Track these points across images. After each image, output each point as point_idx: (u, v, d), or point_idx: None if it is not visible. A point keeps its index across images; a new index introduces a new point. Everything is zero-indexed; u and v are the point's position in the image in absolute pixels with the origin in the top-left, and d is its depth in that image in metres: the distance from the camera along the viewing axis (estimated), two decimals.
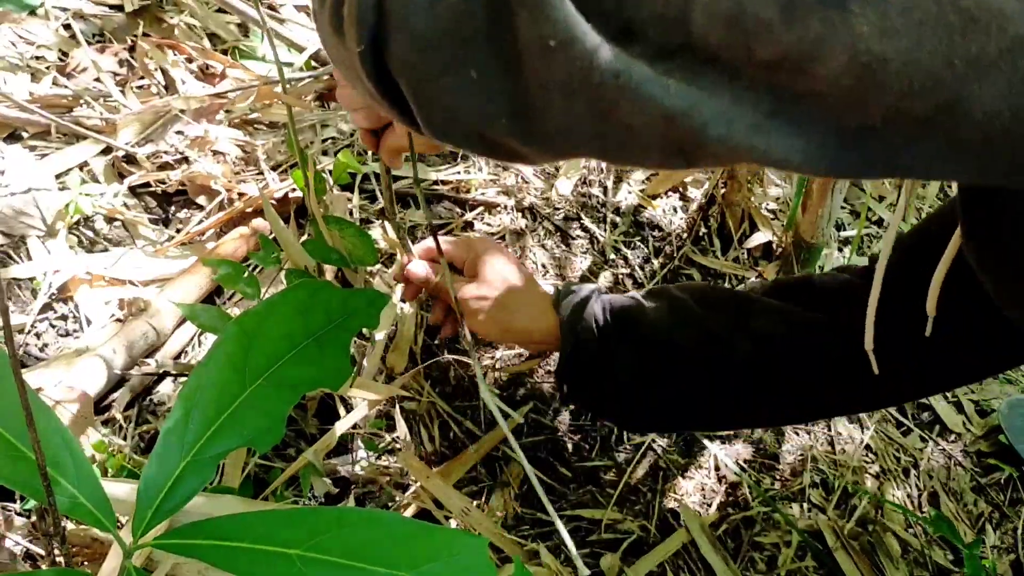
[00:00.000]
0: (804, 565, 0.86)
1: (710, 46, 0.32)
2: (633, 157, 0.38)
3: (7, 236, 0.94)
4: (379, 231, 1.07)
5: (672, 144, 0.35)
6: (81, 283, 0.91)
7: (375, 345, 0.93)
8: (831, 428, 0.99)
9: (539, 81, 0.35)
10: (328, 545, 0.45)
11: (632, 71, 0.33)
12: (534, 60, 0.34)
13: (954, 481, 0.97)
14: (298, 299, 0.56)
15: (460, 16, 0.35)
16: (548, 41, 0.33)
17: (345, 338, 0.57)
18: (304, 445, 0.84)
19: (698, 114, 0.33)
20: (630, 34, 0.33)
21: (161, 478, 0.49)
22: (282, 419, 0.52)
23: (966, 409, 1.06)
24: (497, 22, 0.35)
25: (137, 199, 1.04)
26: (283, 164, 1.11)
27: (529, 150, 0.40)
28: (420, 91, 0.39)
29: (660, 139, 0.35)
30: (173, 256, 0.97)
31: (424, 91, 0.39)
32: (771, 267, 1.15)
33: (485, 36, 0.35)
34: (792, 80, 0.32)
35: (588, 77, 0.33)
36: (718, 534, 0.86)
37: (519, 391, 0.95)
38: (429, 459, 0.86)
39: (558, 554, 0.81)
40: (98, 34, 1.23)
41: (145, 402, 0.85)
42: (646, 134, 0.35)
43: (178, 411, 0.51)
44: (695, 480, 0.91)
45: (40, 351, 0.86)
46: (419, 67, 0.38)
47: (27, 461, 0.47)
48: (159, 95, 1.15)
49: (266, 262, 0.80)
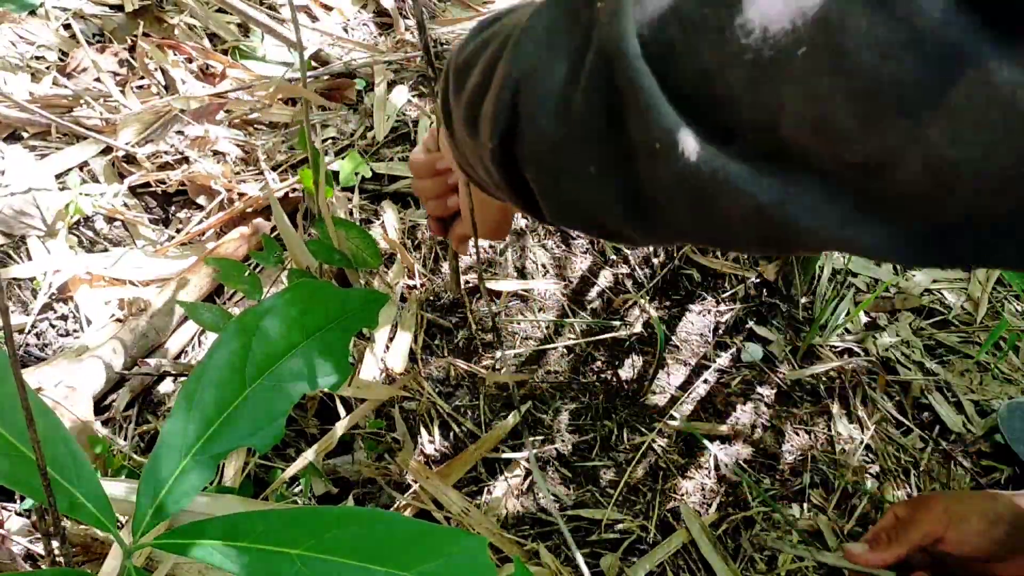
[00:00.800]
0: (804, 565, 0.86)
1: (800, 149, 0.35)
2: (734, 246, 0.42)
3: (7, 236, 0.94)
4: (379, 231, 1.07)
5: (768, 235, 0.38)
6: (81, 283, 0.91)
7: (375, 345, 0.93)
8: (831, 428, 0.99)
9: (649, 178, 0.40)
10: (328, 545, 0.45)
11: (728, 169, 0.37)
12: (643, 160, 0.39)
13: (954, 481, 0.97)
14: (298, 299, 0.56)
15: (582, 120, 0.41)
16: (654, 144, 0.38)
17: (345, 338, 0.57)
18: (304, 445, 0.84)
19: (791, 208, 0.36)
20: (729, 136, 0.37)
21: (161, 478, 0.49)
22: (282, 419, 0.52)
23: (966, 409, 1.06)
24: (612, 126, 0.40)
25: (137, 199, 1.04)
26: (283, 164, 1.11)
27: (642, 236, 0.45)
28: (545, 183, 0.45)
29: (756, 230, 0.38)
30: (173, 256, 0.97)
31: (549, 183, 0.45)
32: (771, 267, 1.15)
33: (603, 138, 0.40)
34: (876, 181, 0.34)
35: (689, 175, 0.37)
36: (718, 534, 0.86)
37: (519, 391, 0.95)
38: (429, 459, 0.87)
39: (558, 554, 0.81)
40: (98, 34, 1.23)
41: (145, 402, 0.85)
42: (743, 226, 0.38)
43: (178, 411, 0.51)
44: (695, 480, 0.91)
45: (40, 351, 0.86)
46: (545, 162, 0.44)
47: (27, 461, 0.47)
48: (159, 95, 1.15)
49: (268, 262, 0.80)
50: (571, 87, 0.41)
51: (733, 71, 0.36)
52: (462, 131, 0.50)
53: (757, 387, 1.01)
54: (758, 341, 1.06)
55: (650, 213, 0.42)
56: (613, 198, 0.42)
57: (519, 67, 0.43)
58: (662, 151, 0.38)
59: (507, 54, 0.44)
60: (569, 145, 0.42)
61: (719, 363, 1.02)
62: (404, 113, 1.25)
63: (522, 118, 0.43)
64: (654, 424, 0.94)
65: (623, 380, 0.98)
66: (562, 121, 0.42)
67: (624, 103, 0.39)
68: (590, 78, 0.40)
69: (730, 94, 0.36)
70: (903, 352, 1.11)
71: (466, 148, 0.50)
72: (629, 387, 0.98)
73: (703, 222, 0.40)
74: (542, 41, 0.43)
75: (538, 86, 0.42)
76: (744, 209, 0.37)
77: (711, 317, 1.07)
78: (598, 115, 0.40)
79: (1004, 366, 1.12)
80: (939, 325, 1.16)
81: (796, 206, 0.36)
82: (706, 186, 0.37)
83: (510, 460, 0.88)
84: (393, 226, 1.07)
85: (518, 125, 0.44)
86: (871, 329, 1.13)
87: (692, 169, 0.37)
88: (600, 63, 0.40)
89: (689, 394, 0.98)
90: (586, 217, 0.46)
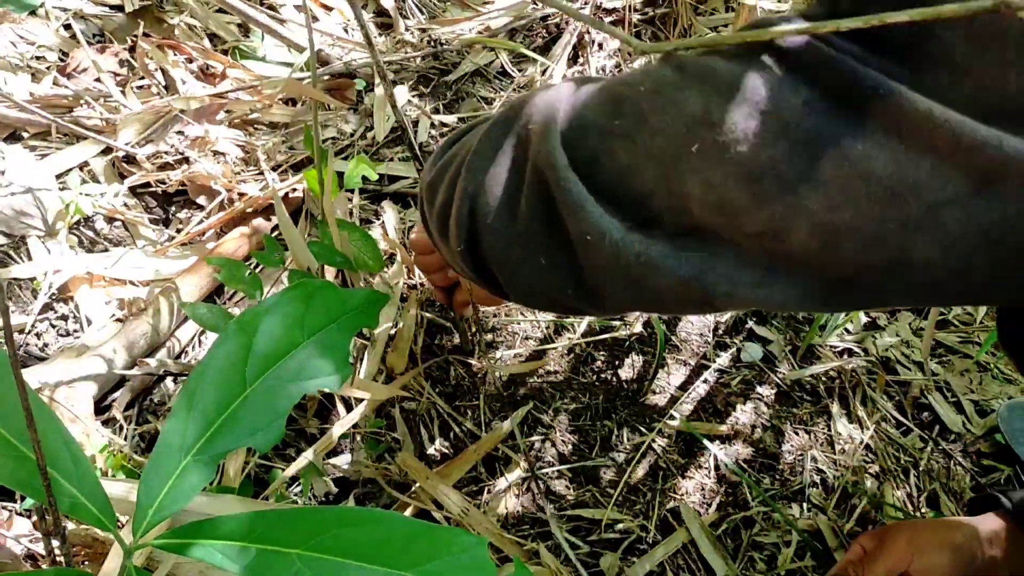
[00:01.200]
0: (804, 565, 0.86)
1: (711, 225, 0.42)
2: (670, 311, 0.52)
3: (7, 236, 0.94)
4: (379, 231, 1.07)
5: (695, 301, 0.45)
6: (81, 283, 0.91)
7: (375, 345, 0.93)
8: (831, 428, 0.99)
9: (588, 265, 0.47)
10: (328, 545, 0.45)
11: (651, 252, 0.43)
12: (580, 250, 0.46)
13: (954, 481, 0.97)
14: (298, 299, 0.56)
15: (528, 221, 0.48)
16: (586, 237, 0.45)
17: (345, 338, 0.57)
18: (304, 445, 0.84)
19: (709, 278, 0.43)
20: (650, 222, 0.44)
21: (161, 478, 0.49)
22: (282, 419, 0.52)
23: (966, 409, 1.06)
24: (552, 224, 0.47)
25: (137, 199, 1.04)
26: (283, 164, 1.11)
27: (595, 312, 0.53)
28: (506, 275, 0.53)
29: (684, 298, 0.45)
30: (173, 256, 0.97)
31: (509, 275, 0.53)
32: None
33: (546, 234, 0.48)
34: (776, 245, 0.40)
35: (617, 259, 0.44)
36: (718, 534, 0.86)
37: (519, 391, 0.95)
38: (429, 459, 0.87)
39: (558, 554, 0.81)
40: (98, 34, 1.23)
41: (145, 402, 0.85)
42: (672, 296, 0.45)
43: (178, 411, 0.51)
44: (695, 480, 0.91)
45: (40, 351, 0.86)
46: (502, 258, 0.52)
47: (27, 461, 0.47)
48: (159, 95, 1.15)
49: (269, 262, 0.80)
50: (516, 195, 0.49)
51: (646, 170, 0.43)
52: (437, 239, 0.59)
53: (757, 387, 1.01)
54: (758, 341, 1.06)
55: (595, 293, 0.49)
56: (563, 283, 0.49)
57: (473, 182, 0.51)
58: (593, 243, 0.44)
59: (463, 172, 0.52)
60: (520, 243, 0.50)
61: (719, 363, 1.02)
62: (404, 113, 1.25)
63: (479, 224, 0.51)
64: (654, 424, 0.94)
65: (623, 380, 0.98)
66: (512, 224, 0.49)
67: (559, 205, 0.46)
68: (530, 187, 0.48)
69: (645, 189, 0.43)
70: (903, 352, 1.11)
71: (442, 250, 0.59)
72: (629, 387, 0.98)
73: (638, 297, 0.47)
74: (490, 159, 0.51)
75: (489, 197, 0.50)
76: (669, 283, 0.44)
77: (711, 317, 1.07)
78: (540, 217, 0.48)
79: (1004, 366, 1.12)
80: (939, 325, 1.16)
81: (713, 275, 0.42)
82: (633, 268, 0.44)
83: (510, 460, 0.88)
84: (393, 226, 1.07)
85: (477, 230, 0.52)
86: (871, 329, 1.13)
87: (620, 255, 0.44)
88: (536, 175, 0.47)
89: (689, 394, 0.98)
90: (545, 299, 0.53)
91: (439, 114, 1.27)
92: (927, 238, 0.37)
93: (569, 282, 0.49)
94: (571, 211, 0.45)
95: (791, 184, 0.38)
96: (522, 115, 0.50)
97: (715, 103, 0.40)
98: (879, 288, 0.41)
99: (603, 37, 1.47)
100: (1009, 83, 0.35)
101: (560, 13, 1.47)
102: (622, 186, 0.44)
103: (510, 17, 1.46)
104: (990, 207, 0.36)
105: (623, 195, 0.44)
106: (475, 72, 1.36)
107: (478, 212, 0.51)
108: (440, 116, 1.26)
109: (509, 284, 0.54)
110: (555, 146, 0.46)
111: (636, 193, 0.43)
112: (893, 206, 0.37)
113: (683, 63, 0.43)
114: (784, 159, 0.38)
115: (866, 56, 0.38)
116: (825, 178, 0.37)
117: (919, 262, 0.38)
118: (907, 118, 0.36)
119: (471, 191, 0.51)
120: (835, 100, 0.38)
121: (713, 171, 0.40)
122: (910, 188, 0.36)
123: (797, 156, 0.38)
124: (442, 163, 0.58)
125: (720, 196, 0.40)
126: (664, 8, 1.53)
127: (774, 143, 0.38)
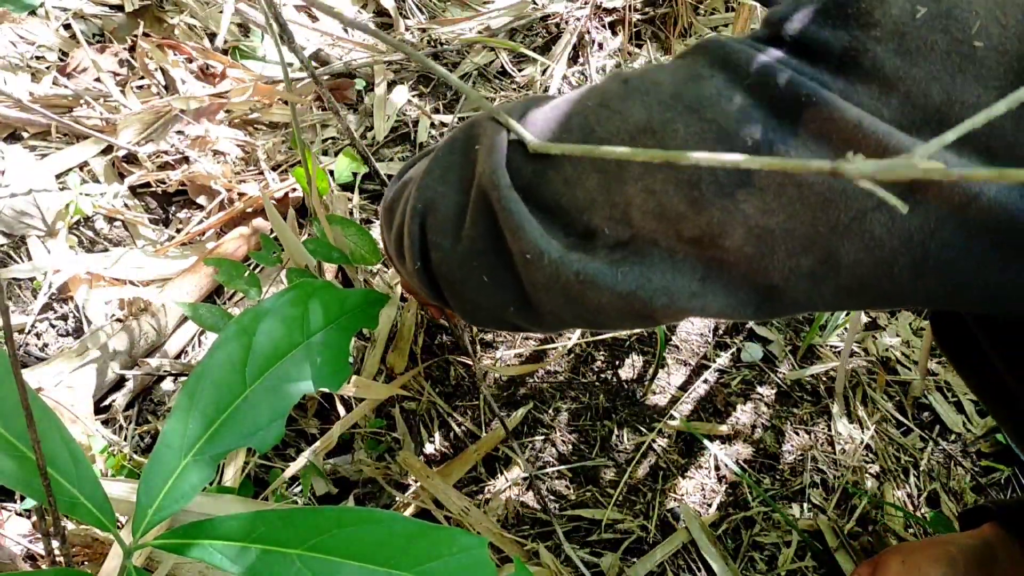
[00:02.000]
0: (804, 565, 0.86)
1: (649, 233, 0.43)
2: (610, 327, 0.50)
3: (7, 236, 0.94)
4: (379, 231, 1.07)
5: (634, 314, 0.46)
6: (81, 283, 0.91)
7: (375, 345, 0.93)
8: (831, 428, 0.99)
9: (528, 282, 0.48)
10: (328, 545, 0.45)
11: (588, 268, 0.44)
12: (521, 268, 0.47)
13: (954, 481, 0.97)
14: (298, 299, 0.56)
15: (472, 239, 0.49)
16: (526, 255, 0.46)
17: (345, 338, 0.57)
18: (304, 445, 0.84)
19: (645, 291, 0.44)
20: (590, 233, 0.45)
21: (161, 478, 0.49)
22: (282, 419, 0.52)
23: (966, 409, 1.06)
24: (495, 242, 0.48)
25: (137, 199, 1.04)
26: (283, 164, 1.11)
27: (534, 327, 0.54)
28: (454, 293, 0.54)
29: (623, 313, 0.46)
30: (173, 256, 0.97)
31: (456, 293, 0.53)
32: None
33: (489, 252, 0.49)
34: (712, 251, 0.42)
35: (557, 277, 0.45)
36: (718, 534, 0.86)
37: (519, 391, 0.95)
38: (429, 459, 0.86)
39: (558, 554, 0.81)
40: (98, 34, 1.23)
41: (145, 402, 0.85)
42: (611, 312, 0.46)
43: (178, 411, 0.51)
44: (695, 480, 0.91)
45: (40, 351, 0.86)
46: (450, 276, 0.52)
47: (27, 461, 0.47)
48: (159, 95, 1.15)
49: (267, 261, 0.80)
50: (462, 213, 0.50)
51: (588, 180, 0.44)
52: (395, 260, 0.59)
53: (757, 387, 1.01)
54: (758, 341, 1.06)
55: (536, 310, 0.50)
56: (506, 301, 0.51)
57: (423, 200, 0.52)
58: (533, 260, 0.46)
59: (415, 192, 0.53)
60: (465, 260, 0.51)
61: (719, 363, 1.02)
62: (404, 113, 1.25)
63: (429, 242, 0.52)
64: (654, 424, 0.94)
65: (623, 380, 0.98)
66: (458, 241, 0.50)
67: (501, 225, 0.47)
68: (475, 205, 0.49)
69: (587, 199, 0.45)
70: (903, 352, 1.11)
71: (401, 272, 0.60)
72: (629, 387, 0.98)
73: (579, 314, 0.48)
74: (439, 178, 0.52)
75: (438, 214, 0.51)
76: (609, 299, 0.45)
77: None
78: (483, 236, 0.49)
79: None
80: None
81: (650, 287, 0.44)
82: (573, 286, 0.45)
83: (510, 460, 0.88)
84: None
85: (428, 249, 0.53)
86: (871, 329, 1.13)
87: (559, 274, 0.45)
88: (480, 193, 0.48)
89: (689, 394, 0.98)
90: (492, 317, 0.54)
91: (439, 114, 1.27)
92: (856, 241, 0.39)
93: (511, 300, 0.50)
94: (512, 230, 0.46)
95: (728, 189, 0.40)
96: (471, 135, 0.51)
97: (657, 112, 0.42)
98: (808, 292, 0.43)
99: (603, 37, 1.47)
100: (933, 95, 0.38)
101: (560, 13, 1.47)
102: (565, 197, 0.45)
103: (510, 17, 1.46)
104: (914, 213, 0.38)
105: (565, 207, 0.45)
106: (475, 72, 1.36)
107: (428, 229, 0.52)
108: (440, 116, 1.26)
109: (454, 300, 0.55)
110: (499, 165, 0.47)
111: (577, 205, 0.45)
112: (824, 211, 0.39)
113: (629, 77, 0.45)
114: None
115: (803, 67, 0.40)
116: (761, 184, 0.39)
117: (847, 263, 0.40)
118: (837, 126, 0.38)
119: (420, 208, 0.52)
120: (771, 108, 0.40)
121: (653, 178, 0.42)
122: (840, 194, 0.38)
123: None
124: (400, 184, 0.59)
125: (660, 202, 0.42)
126: (664, 8, 1.53)
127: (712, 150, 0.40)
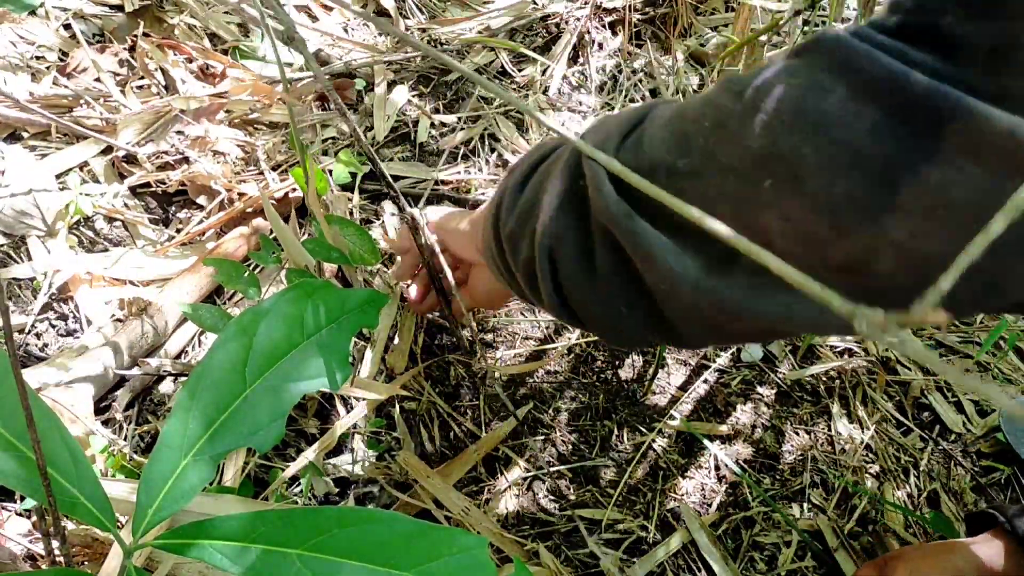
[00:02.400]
0: (804, 565, 0.86)
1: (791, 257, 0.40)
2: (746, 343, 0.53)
3: (7, 236, 0.94)
4: (379, 231, 1.07)
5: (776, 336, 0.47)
6: (81, 283, 0.91)
7: (375, 345, 0.93)
8: (831, 428, 0.99)
9: (668, 309, 0.47)
10: (328, 545, 0.45)
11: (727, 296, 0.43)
12: (657, 298, 0.47)
13: (954, 481, 0.97)
14: (298, 299, 0.56)
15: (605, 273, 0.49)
16: (661, 286, 0.45)
17: (345, 338, 0.57)
18: (304, 445, 0.84)
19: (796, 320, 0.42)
20: (729, 258, 0.43)
21: (161, 478, 0.49)
22: (282, 419, 0.52)
23: (966, 409, 1.06)
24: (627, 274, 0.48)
25: (137, 199, 1.04)
26: (283, 164, 1.11)
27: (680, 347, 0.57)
28: (593, 323, 0.54)
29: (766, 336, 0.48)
30: (173, 256, 0.97)
31: (595, 322, 0.54)
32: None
33: (623, 283, 0.49)
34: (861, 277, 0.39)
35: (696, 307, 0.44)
36: (718, 534, 0.86)
37: (519, 391, 0.95)
38: (429, 459, 0.86)
39: (558, 554, 0.81)
40: (98, 34, 1.23)
41: (145, 402, 0.85)
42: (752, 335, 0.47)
43: (178, 411, 0.51)
44: (695, 480, 0.91)
45: (40, 351, 0.86)
46: (587, 308, 0.53)
47: (27, 461, 0.47)
48: (159, 95, 1.15)
49: (266, 261, 0.80)
50: (589, 247, 0.50)
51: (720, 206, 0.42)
52: (526, 291, 0.60)
53: (757, 387, 1.01)
54: None
55: (677, 335, 0.50)
56: (646, 327, 0.51)
57: (548, 237, 0.52)
58: (671, 292, 0.44)
59: (539, 227, 0.53)
60: (601, 293, 0.51)
61: (719, 363, 1.02)
62: (404, 113, 1.25)
63: (561, 277, 0.53)
64: (654, 424, 0.94)
65: (623, 380, 0.98)
66: (590, 275, 0.51)
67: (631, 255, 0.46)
68: (600, 239, 0.48)
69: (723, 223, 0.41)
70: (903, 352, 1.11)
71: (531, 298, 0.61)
72: (629, 387, 0.98)
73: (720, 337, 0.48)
74: (555, 216, 0.51)
75: (565, 251, 0.51)
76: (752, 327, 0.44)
77: None
78: (614, 268, 0.48)
79: (1004, 366, 1.12)
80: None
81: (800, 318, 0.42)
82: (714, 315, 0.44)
83: (510, 460, 0.88)
84: (394, 226, 1.07)
85: (561, 282, 0.53)
86: None
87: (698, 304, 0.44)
88: (601, 229, 0.48)
89: (689, 394, 0.98)
90: (633, 340, 0.54)
91: (439, 114, 1.27)
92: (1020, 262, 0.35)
93: (653, 327, 0.50)
94: (642, 259, 0.45)
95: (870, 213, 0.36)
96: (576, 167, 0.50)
97: (781, 135, 0.38)
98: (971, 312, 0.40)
99: (603, 37, 1.47)
100: None
101: (560, 13, 1.47)
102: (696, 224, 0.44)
103: (510, 17, 1.46)
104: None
105: (698, 232, 0.43)
106: (475, 72, 1.36)
107: (559, 265, 0.52)
108: (440, 116, 1.26)
109: (598, 330, 0.56)
110: (610, 198, 0.45)
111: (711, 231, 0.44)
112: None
113: (742, 89, 0.41)
114: (860, 189, 0.36)
115: (940, 68, 0.35)
116: (906, 207, 0.36)
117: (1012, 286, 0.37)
118: (987, 139, 0.34)
119: (547, 244, 0.52)
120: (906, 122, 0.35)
121: (790, 204, 0.39)
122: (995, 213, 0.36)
123: (874, 185, 0.36)
124: (519, 211, 0.57)
125: (801, 229, 0.39)
126: (664, 8, 1.53)
127: (847, 174, 0.36)
